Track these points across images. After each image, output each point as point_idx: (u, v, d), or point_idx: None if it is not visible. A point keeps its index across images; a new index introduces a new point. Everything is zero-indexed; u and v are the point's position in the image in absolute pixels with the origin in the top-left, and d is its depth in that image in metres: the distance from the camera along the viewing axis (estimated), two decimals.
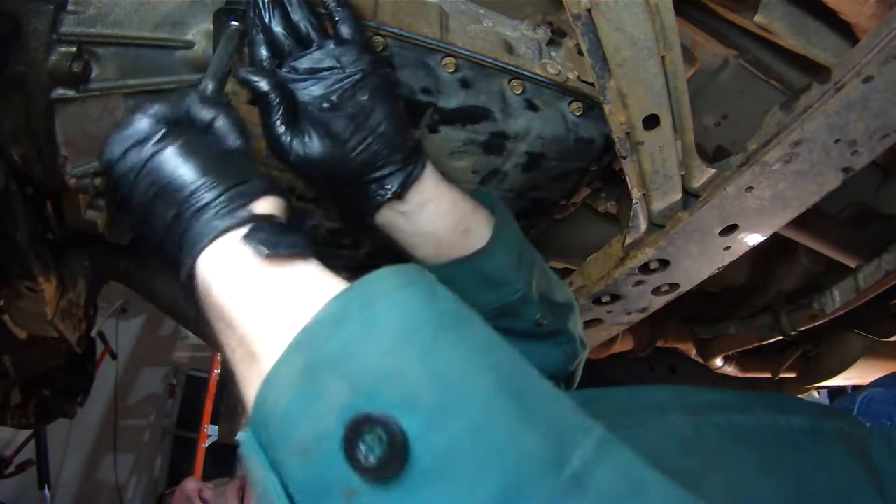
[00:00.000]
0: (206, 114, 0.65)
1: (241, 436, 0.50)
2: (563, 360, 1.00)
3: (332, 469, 0.44)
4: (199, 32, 0.93)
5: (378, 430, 0.43)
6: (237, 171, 0.62)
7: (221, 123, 0.66)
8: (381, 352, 0.47)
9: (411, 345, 0.47)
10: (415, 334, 0.48)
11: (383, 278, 0.51)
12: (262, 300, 0.55)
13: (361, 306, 0.49)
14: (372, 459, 0.42)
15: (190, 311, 0.64)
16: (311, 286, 0.55)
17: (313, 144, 0.76)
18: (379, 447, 0.42)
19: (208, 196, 0.59)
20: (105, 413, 4.65)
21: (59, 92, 0.89)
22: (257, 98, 0.77)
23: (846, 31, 0.95)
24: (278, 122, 0.75)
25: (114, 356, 4.34)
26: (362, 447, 0.43)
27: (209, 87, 0.69)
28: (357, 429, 0.43)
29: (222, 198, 0.59)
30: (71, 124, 0.92)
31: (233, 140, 0.66)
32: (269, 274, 0.56)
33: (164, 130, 0.62)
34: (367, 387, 0.45)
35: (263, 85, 0.74)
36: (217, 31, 0.89)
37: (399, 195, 0.82)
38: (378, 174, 0.81)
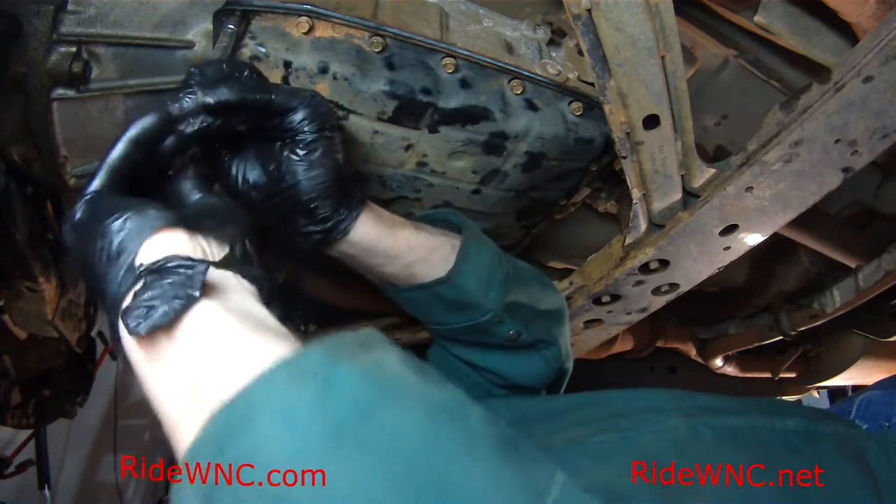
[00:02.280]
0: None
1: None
2: (543, 367, 1.01)
3: None
4: (199, 32, 0.93)
5: None
6: (127, 222, 0.59)
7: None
8: (269, 469, 0.42)
9: (304, 463, 0.41)
10: (305, 448, 0.42)
11: (268, 382, 0.45)
12: (148, 384, 0.54)
13: (240, 425, 0.43)
14: None
15: None
16: (188, 370, 0.52)
17: (250, 172, 0.79)
18: None
19: (108, 263, 0.58)
20: (105, 413, 4.65)
21: (59, 92, 0.89)
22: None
23: (846, 31, 0.95)
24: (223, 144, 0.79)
25: (114, 356, 4.33)
26: None
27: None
28: None
29: (114, 261, 0.57)
30: (71, 124, 0.92)
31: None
32: (146, 353, 0.54)
33: (73, 212, 0.63)
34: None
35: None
36: (217, 30, 0.89)
37: (323, 246, 0.84)
38: (298, 226, 0.82)
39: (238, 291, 0.58)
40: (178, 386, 0.52)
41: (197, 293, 0.53)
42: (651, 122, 0.88)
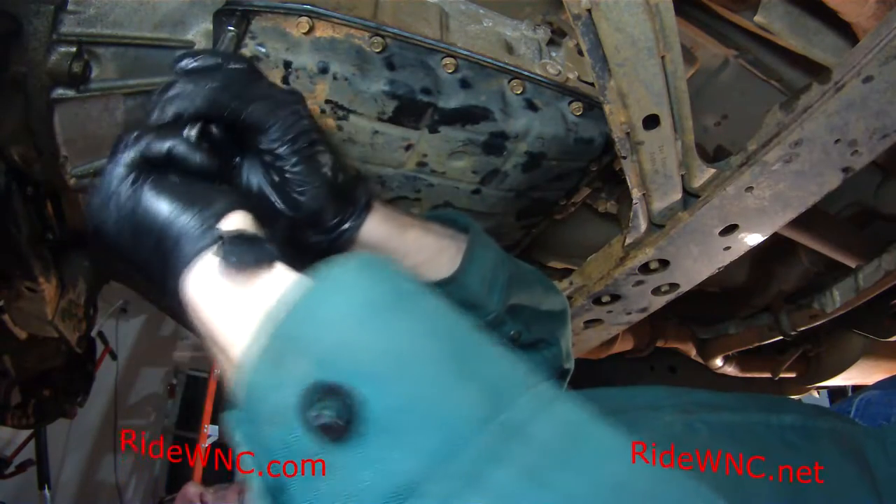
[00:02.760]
0: (160, 146, 0.68)
1: (225, 414, 0.54)
2: (545, 367, 1.01)
3: (293, 433, 0.49)
4: (199, 32, 0.93)
5: (331, 396, 0.48)
6: (202, 196, 0.65)
7: (179, 149, 0.68)
8: (334, 326, 0.52)
9: (362, 319, 0.52)
10: (365, 309, 0.53)
11: (338, 263, 0.56)
12: (235, 309, 0.59)
13: (318, 288, 0.54)
14: (326, 421, 0.47)
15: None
16: (274, 286, 0.59)
17: (254, 182, 0.80)
18: (332, 411, 0.47)
19: (179, 224, 0.63)
20: (105, 413, 4.65)
21: (59, 92, 0.89)
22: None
23: (846, 31, 0.95)
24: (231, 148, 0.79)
25: (114, 356, 4.33)
26: (320, 412, 0.47)
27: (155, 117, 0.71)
28: (313, 396, 0.48)
29: (191, 224, 0.63)
30: (71, 124, 0.92)
31: (196, 160, 0.68)
32: (238, 285, 0.60)
33: (132, 176, 0.66)
34: (323, 358, 0.50)
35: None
36: (217, 31, 0.89)
37: (338, 249, 0.85)
38: (305, 236, 0.83)
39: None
40: (254, 314, 0.57)
41: (274, 256, 0.62)
42: (651, 122, 0.88)
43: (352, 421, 0.47)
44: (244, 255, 0.60)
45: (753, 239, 1.07)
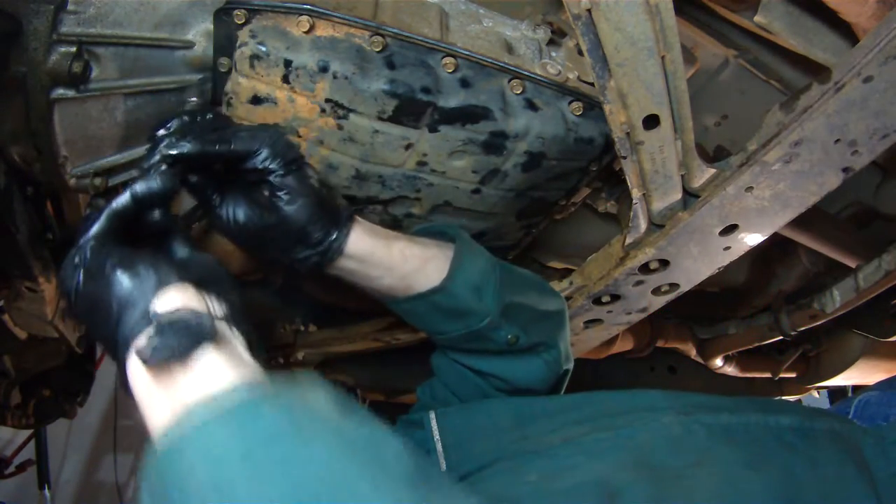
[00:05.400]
0: (125, 198, 0.73)
1: None
2: (544, 370, 1.02)
3: None
4: (199, 32, 0.93)
5: None
6: (144, 274, 0.67)
7: (142, 187, 0.73)
8: (196, 494, 0.52)
9: (219, 487, 0.51)
10: (222, 475, 0.52)
11: (206, 404, 0.57)
12: (152, 403, 0.63)
13: (181, 450, 0.54)
14: None
15: None
16: (183, 393, 0.61)
17: (240, 213, 0.84)
18: None
19: (119, 306, 0.66)
20: (105, 413, 4.64)
21: (59, 92, 0.89)
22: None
23: (846, 31, 0.95)
24: (210, 191, 0.85)
25: None
26: None
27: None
28: None
29: (129, 306, 0.65)
30: (71, 124, 0.92)
31: (157, 186, 0.73)
32: (157, 380, 0.63)
33: (81, 257, 0.70)
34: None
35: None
36: (217, 30, 0.89)
37: (322, 267, 0.88)
38: (295, 253, 0.86)
39: (232, 340, 0.67)
40: (167, 410, 0.61)
41: (206, 339, 0.63)
42: (651, 122, 0.88)
43: None
44: (165, 347, 0.61)
45: (753, 239, 1.07)
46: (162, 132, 0.80)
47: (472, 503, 0.52)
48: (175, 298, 0.65)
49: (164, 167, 0.76)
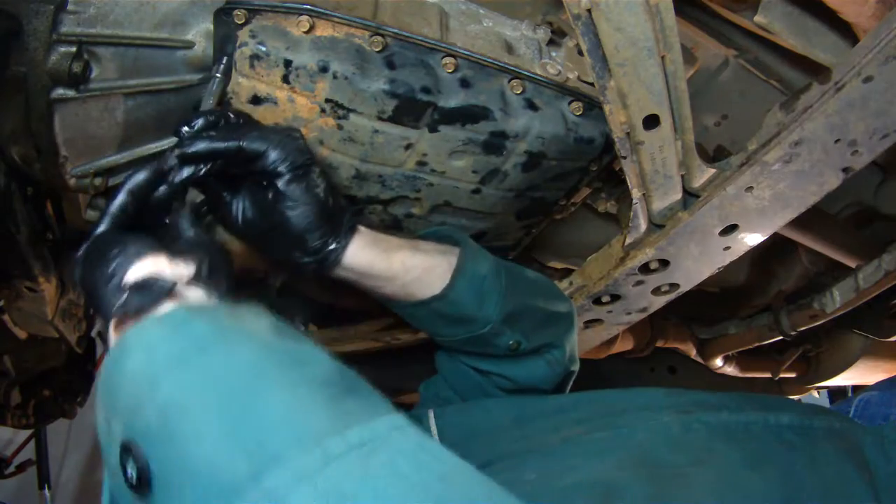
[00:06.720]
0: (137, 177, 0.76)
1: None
2: (547, 371, 1.02)
3: (120, 488, 0.54)
4: (199, 32, 0.93)
5: (131, 455, 0.52)
6: (117, 247, 0.70)
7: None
8: (133, 385, 0.55)
9: (152, 376, 0.55)
10: (155, 366, 0.55)
11: (151, 318, 0.61)
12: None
13: (125, 346, 0.58)
14: (132, 478, 0.52)
15: None
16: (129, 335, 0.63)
17: (246, 211, 0.85)
18: (132, 468, 0.52)
19: (104, 287, 0.68)
20: None
21: (59, 92, 0.89)
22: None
23: (846, 31, 0.95)
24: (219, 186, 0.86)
25: None
26: (127, 469, 0.52)
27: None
28: (124, 454, 0.53)
29: (109, 284, 0.68)
30: (71, 124, 0.92)
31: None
32: (117, 337, 0.65)
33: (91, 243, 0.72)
34: (126, 418, 0.54)
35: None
36: (217, 30, 0.89)
37: (323, 272, 0.89)
38: (295, 257, 0.87)
39: (200, 299, 0.68)
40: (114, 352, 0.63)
41: (165, 298, 0.65)
42: (651, 122, 0.88)
43: (143, 479, 0.51)
44: (126, 304, 0.64)
45: (753, 239, 1.07)
46: (185, 129, 0.80)
47: (393, 417, 0.52)
48: (146, 266, 0.67)
49: (178, 165, 0.79)
